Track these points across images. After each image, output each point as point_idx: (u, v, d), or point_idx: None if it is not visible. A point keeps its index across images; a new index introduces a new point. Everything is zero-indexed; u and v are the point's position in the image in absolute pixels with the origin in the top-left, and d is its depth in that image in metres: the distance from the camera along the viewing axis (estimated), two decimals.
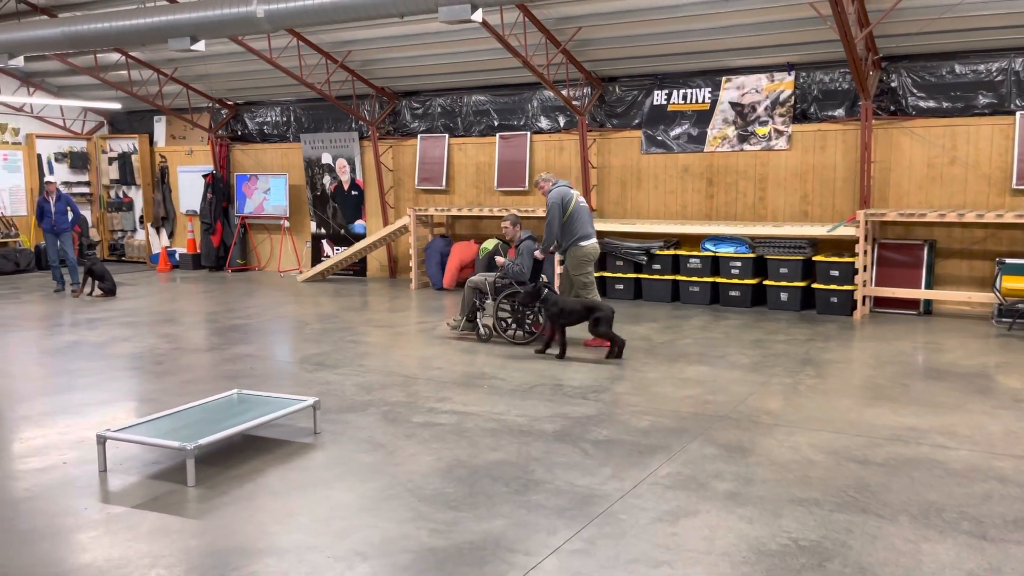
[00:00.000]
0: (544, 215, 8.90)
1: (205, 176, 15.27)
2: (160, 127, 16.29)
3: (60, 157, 16.23)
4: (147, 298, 11.98)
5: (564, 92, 11.47)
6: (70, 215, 12.53)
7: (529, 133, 12.57)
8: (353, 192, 14.23)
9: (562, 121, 12.34)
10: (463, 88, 13.07)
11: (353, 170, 14.15)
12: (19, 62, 10.90)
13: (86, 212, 16.49)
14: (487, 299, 8.56)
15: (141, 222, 16.57)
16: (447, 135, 13.27)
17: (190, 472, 4.52)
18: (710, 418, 5.72)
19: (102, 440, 4.78)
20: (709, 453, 4.98)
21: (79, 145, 16.55)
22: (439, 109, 13.36)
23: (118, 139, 16.60)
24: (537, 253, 8.47)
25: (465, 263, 12.40)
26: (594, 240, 8.45)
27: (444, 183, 13.31)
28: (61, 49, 10.46)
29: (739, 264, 10.51)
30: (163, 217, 16.19)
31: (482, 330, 8.54)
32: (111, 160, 16.57)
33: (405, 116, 13.68)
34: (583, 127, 11.81)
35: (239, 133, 15.49)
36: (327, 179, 14.44)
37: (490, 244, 12.23)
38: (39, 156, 15.84)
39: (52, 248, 12.55)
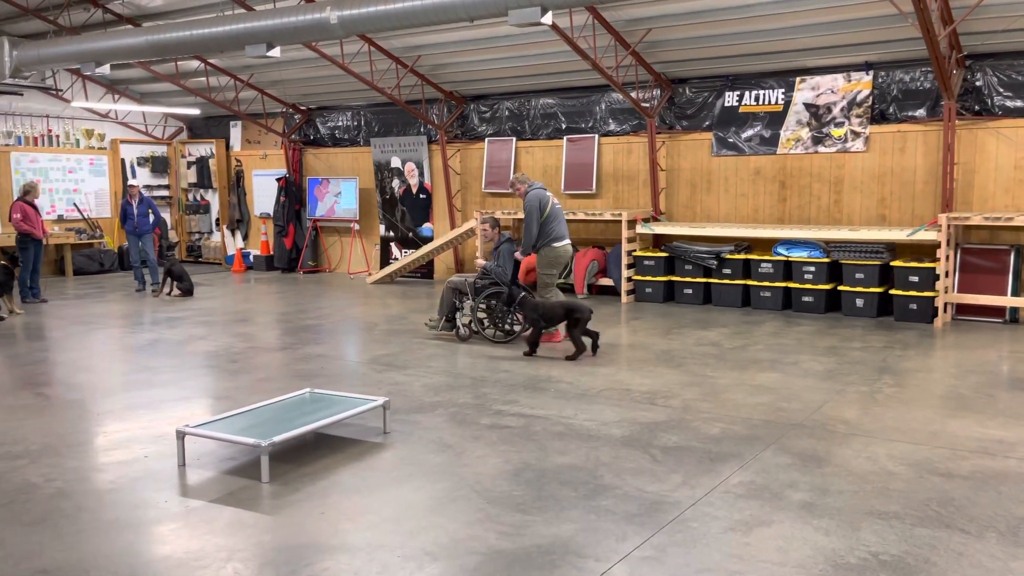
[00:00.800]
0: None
1: (278, 180, 15.65)
2: (236, 132, 16.76)
3: (142, 161, 16.85)
4: (222, 298, 12.33)
5: (633, 94, 11.38)
6: (151, 217, 12.99)
7: (597, 136, 12.51)
8: (421, 195, 14.39)
9: (630, 123, 12.24)
10: (531, 91, 13.09)
11: (421, 174, 14.31)
12: (105, 70, 11.35)
13: (165, 215, 17.07)
14: (467, 299, 8.79)
15: (217, 224, 17.08)
16: (514, 138, 13.30)
17: (264, 468, 4.62)
18: (783, 426, 5.58)
19: (181, 435, 4.92)
20: (783, 462, 4.86)
21: (160, 150, 17.16)
22: (507, 112, 13.41)
23: (196, 144, 17.15)
24: (517, 254, 8.70)
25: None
26: (567, 242, 8.63)
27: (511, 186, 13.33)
28: (145, 57, 10.85)
29: (813, 269, 10.24)
30: (238, 220, 16.64)
31: (462, 330, 8.79)
32: (189, 164, 17.13)
33: (473, 120, 13.77)
34: (652, 129, 11.69)
35: (311, 138, 15.82)
36: (396, 183, 14.63)
37: None
38: (123, 160, 16.47)
39: (134, 249, 13.03)
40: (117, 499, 4.41)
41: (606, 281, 11.93)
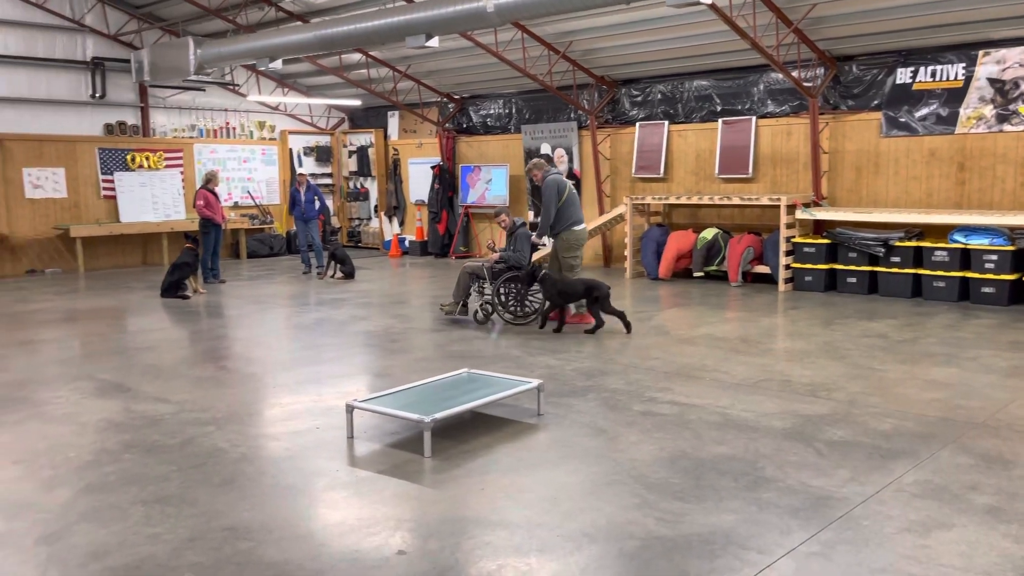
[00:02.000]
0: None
1: (433, 167, 16.12)
2: (394, 122, 17.40)
3: (308, 151, 17.82)
4: (380, 281, 12.87)
5: (794, 73, 10.88)
6: (317, 204, 13.72)
7: (754, 118, 12.06)
8: (570, 181, 14.39)
9: (791, 104, 11.72)
10: (685, 73, 12.79)
11: (571, 159, 14.32)
12: (277, 65, 12.08)
13: (328, 201, 17.98)
14: (484, 284, 9.01)
15: (375, 211, 17.83)
16: (666, 122, 13.06)
17: (427, 443, 4.80)
18: (962, 424, 5.21)
19: (350, 409, 5.19)
20: (963, 463, 4.54)
21: (324, 140, 18.08)
22: (659, 96, 13.17)
23: (357, 134, 17.95)
24: (534, 238, 8.95)
25: (683, 252, 12.17)
26: (584, 226, 8.90)
27: (662, 171, 13.13)
28: (313, 51, 11.45)
29: (995, 258, 9.46)
30: (395, 206, 17.30)
31: (480, 314, 9.03)
32: (350, 153, 17.96)
33: (624, 104, 13.62)
34: (814, 110, 11.15)
35: (464, 126, 16.18)
36: None
37: (709, 234, 11.91)
38: (291, 150, 17.49)
39: (302, 234, 13.82)
40: (293, 466, 4.71)
41: (762, 269, 11.53)
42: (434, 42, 9.67)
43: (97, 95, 14.75)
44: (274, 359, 7.54)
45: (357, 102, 16.81)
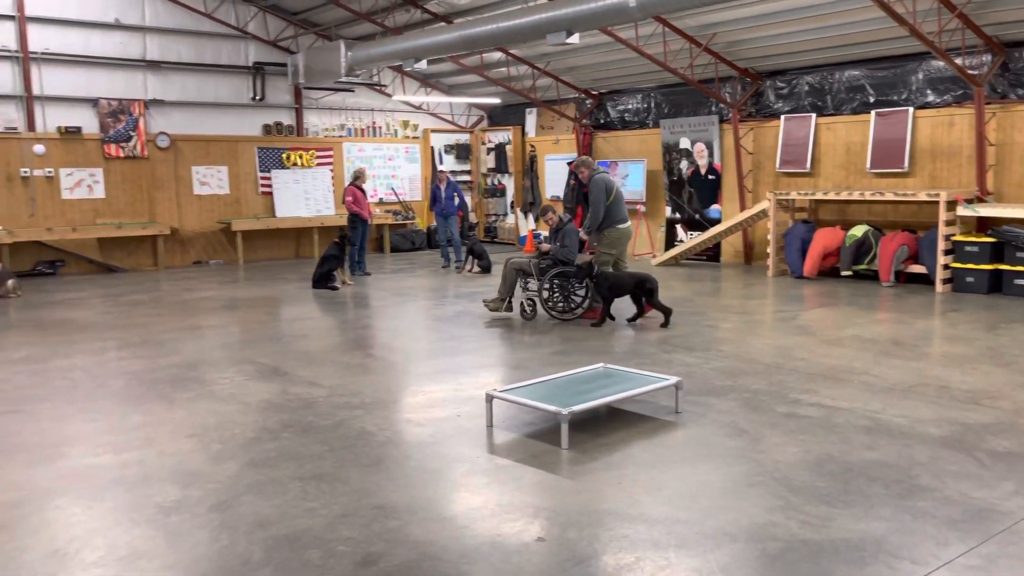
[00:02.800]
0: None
1: (569, 164, 16.17)
2: (531, 119, 17.60)
3: (448, 148, 18.32)
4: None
5: (958, 61, 10.20)
6: (456, 200, 14.09)
7: (911, 109, 11.40)
8: (710, 176, 14.11)
9: (953, 94, 10.99)
10: (834, 63, 12.25)
11: (711, 154, 14.02)
12: (422, 65, 12.51)
13: (467, 198, 18.41)
14: (530, 280, 9.06)
15: (512, 207, 18.10)
16: (814, 114, 12.55)
17: (564, 435, 4.87)
18: None
19: (490, 399, 5.34)
20: None
21: (464, 138, 18.53)
22: (806, 87, 12.67)
23: (495, 131, 18.28)
24: (582, 234, 9.06)
25: (829, 250, 11.66)
26: (629, 224, 9.08)
27: (808, 165, 12.63)
28: (456, 51, 11.78)
29: None
30: (530, 202, 17.49)
31: (527, 310, 9.05)
32: (488, 150, 18.31)
33: (768, 96, 13.19)
34: (980, 99, 10.40)
35: (601, 121, 16.15)
36: (684, 164, 14.48)
37: (859, 230, 11.37)
38: (432, 148, 18.03)
39: (442, 229, 14.24)
40: (435, 451, 4.90)
41: (917, 268, 10.88)
42: (575, 39, 9.72)
43: (257, 98, 15.74)
44: (416, 349, 7.83)
45: (497, 100, 17.12)
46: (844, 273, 11.49)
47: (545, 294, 9.00)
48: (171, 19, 14.75)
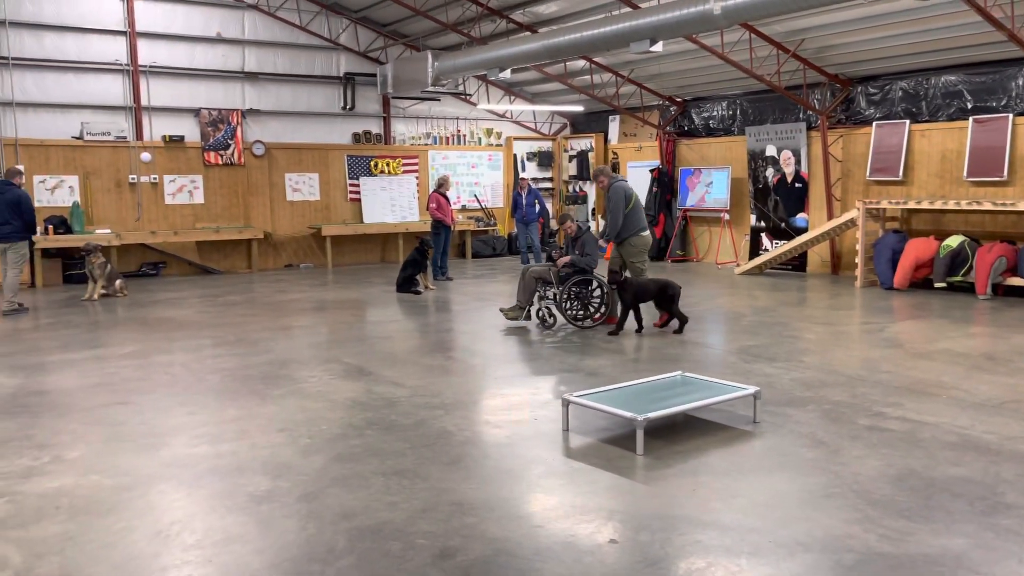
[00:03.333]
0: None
1: (651, 171, 16.14)
2: (614, 126, 17.61)
3: (531, 156, 18.50)
4: None
5: None
6: (537, 207, 14.24)
7: (1011, 115, 10.94)
8: (797, 184, 13.85)
9: None
10: (930, 68, 11.87)
11: (798, 162, 13.76)
12: (506, 74, 12.69)
13: (548, 204, 18.54)
14: (551, 288, 9.07)
15: (593, 214, 18.13)
16: (907, 121, 12.18)
17: (639, 441, 4.92)
18: None
19: (566, 403, 5.43)
20: None
21: (546, 145, 18.68)
22: (899, 93, 12.32)
23: (577, 139, 18.37)
24: (601, 242, 9.15)
25: (922, 261, 11.29)
26: (648, 232, 9.18)
27: (901, 173, 12.26)
28: (540, 60, 11.91)
29: None
30: None
31: (547, 319, 9.05)
32: (571, 158, 18.41)
33: (859, 103, 12.87)
34: None
35: (685, 128, 16.05)
36: (770, 171, 14.25)
37: (954, 241, 10.98)
38: (515, 155, 18.24)
39: (522, 236, 14.41)
40: (512, 452, 5.02)
41: (1017, 281, 10.44)
42: (658, 47, 9.73)
43: (347, 107, 16.26)
44: (495, 353, 7.98)
45: (580, 107, 17.21)
46: (937, 285, 11.10)
47: (567, 302, 9.05)
48: (268, 32, 15.40)
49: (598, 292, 9.21)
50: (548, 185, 18.68)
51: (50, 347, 8.32)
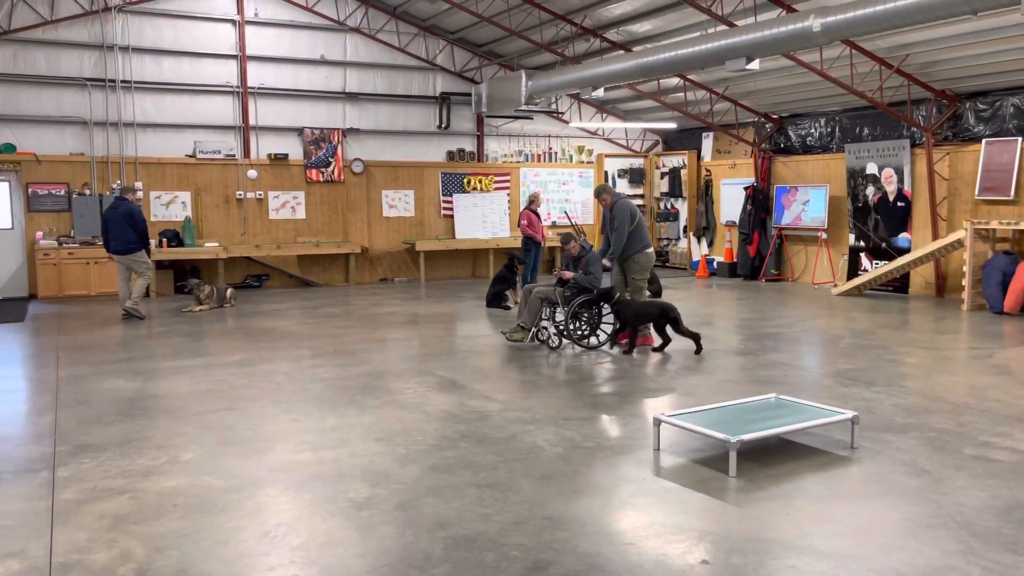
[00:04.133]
0: None
1: (746, 188, 15.90)
2: (707, 143, 17.44)
3: (622, 173, 18.49)
4: (687, 301, 12.99)
5: None
6: None
7: None
8: (899, 203, 13.39)
9: None
10: None
11: (901, 180, 13.31)
12: (599, 92, 12.78)
13: None
14: (556, 309, 8.96)
15: (684, 231, 17.97)
16: (1020, 138, 11.64)
17: (732, 463, 4.89)
18: None
19: (658, 423, 5.44)
20: None
21: (637, 162, 18.64)
22: (1011, 109, 11.79)
23: (670, 156, 18.26)
24: (605, 261, 8.96)
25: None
26: (652, 249, 9.25)
27: (1012, 192, 11.72)
28: (633, 79, 11.96)
29: None
30: (704, 227, 17.31)
31: (553, 339, 8.93)
32: (663, 175, 18.31)
33: (968, 119, 12.38)
34: None
35: (781, 146, 15.76)
36: (870, 190, 13.84)
37: None
38: (606, 173, 18.28)
39: None
40: (603, 469, 5.06)
41: None
42: (754, 64, 9.64)
43: (443, 126, 16.66)
44: (583, 370, 8.03)
45: (672, 125, 17.12)
46: None
47: (573, 324, 8.95)
48: (369, 54, 15.96)
49: (606, 311, 9.13)
50: (639, 202, 18.60)
51: (163, 354, 8.83)
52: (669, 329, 8.68)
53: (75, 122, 13.87)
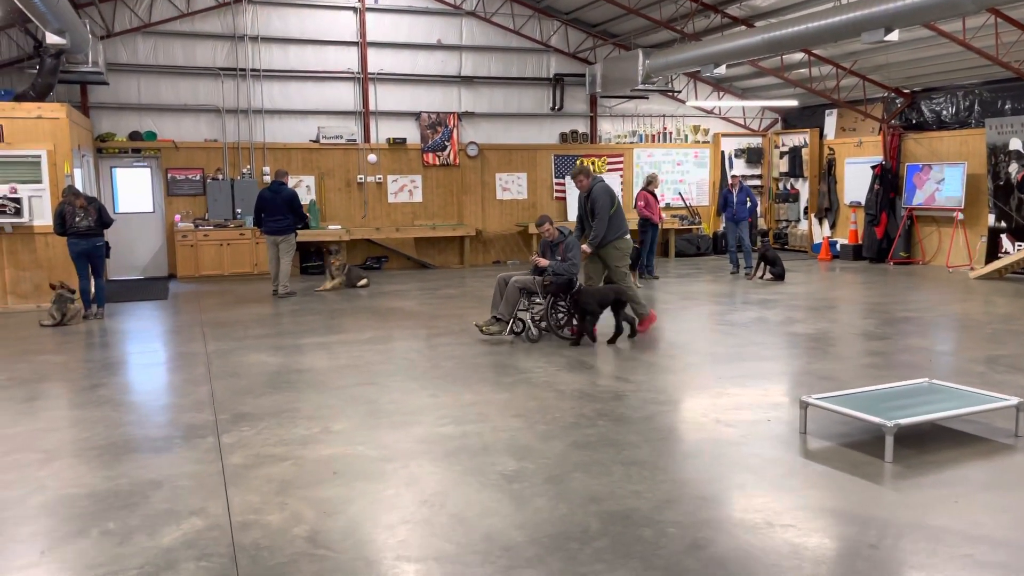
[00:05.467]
0: None
1: (874, 167, 15.22)
2: (831, 120, 16.77)
3: (739, 152, 18.02)
4: (810, 284, 12.58)
5: None
6: (748, 205, 13.86)
7: None
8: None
9: None
10: None
11: None
12: (721, 70, 12.49)
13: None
14: (536, 299, 8.37)
15: (805, 213, 17.38)
16: None
17: (888, 448, 4.72)
18: None
19: (804, 405, 5.30)
20: None
21: (755, 141, 18.12)
22: None
23: (790, 134, 17.66)
24: (585, 247, 8.45)
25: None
26: (630, 235, 8.79)
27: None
28: (758, 55, 11.62)
29: None
30: (826, 208, 16.68)
31: (532, 331, 8.32)
32: (782, 154, 17.73)
33: None
34: None
35: (912, 122, 15.00)
36: (1014, 167, 13.01)
37: None
38: (722, 152, 17.85)
39: (731, 234, 14.07)
40: (749, 451, 4.98)
41: None
42: (893, 36, 9.21)
43: (556, 107, 16.64)
44: (713, 352, 7.91)
45: (793, 102, 16.55)
46: None
47: (553, 314, 8.44)
48: (484, 37, 16.08)
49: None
50: (757, 183, 18.09)
51: (299, 331, 9.20)
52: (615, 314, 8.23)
53: (209, 110, 14.58)
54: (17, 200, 10.51)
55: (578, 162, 16.13)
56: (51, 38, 9.79)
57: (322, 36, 15.10)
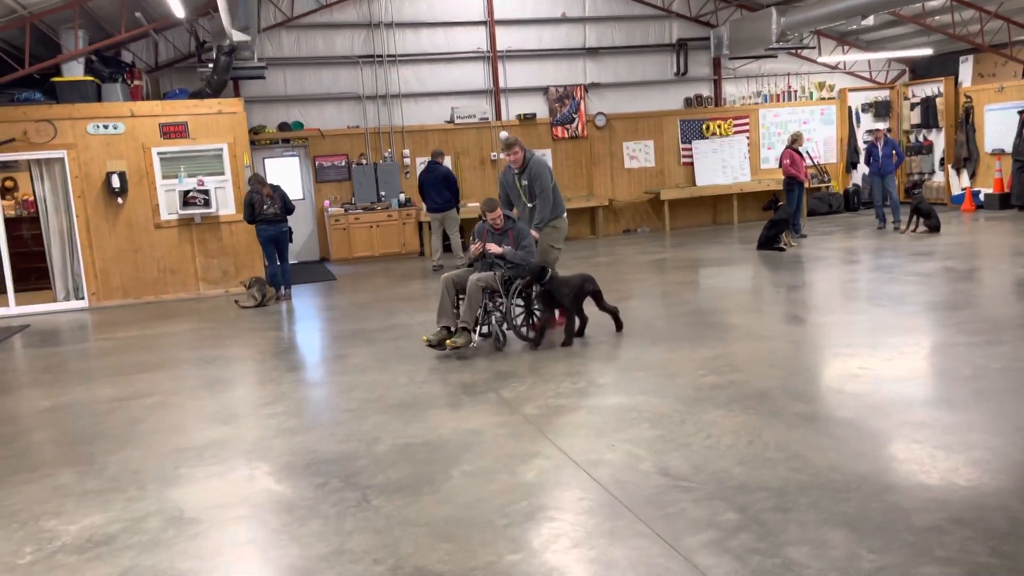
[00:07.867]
0: None
1: (1020, 112, 14.75)
2: (966, 67, 16.28)
3: (866, 107, 17.66)
4: (961, 236, 12.35)
5: None
6: (895, 158, 13.65)
7: None
8: None
9: None
10: None
11: None
12: (870, 21, 12.31)
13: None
14: (500, 299, 7.08)
15: (941, 164, 16.96)
16: None
17: None
18: None
19: None
20: None
21: (883, 95, 17.73)
22: None
23: (920, 84, 17.22)
24: (533, 231, 7.35)
25: None
26: (566, 214, 7.80)
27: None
28: (908, 2, 11.38)
29: None
30: (965, 158, 16.25)
31: (500, 336, 7.09)
32: (913, 106, 17.31)
33: None
34: None
35: None
36: None
37: None
38: (849, 108, 17.53)
39: (878, 188, 13.87)
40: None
41: None
42: None
43: (680, 72, 16.62)
44: (925, 301, 7.93)
45: (928, 51, 16.12)
46: None
47: (516, 312, 7.33)
48: (606, 7, 16.14)
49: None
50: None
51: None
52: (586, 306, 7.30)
53: (350, 97, 15.08)
54: (205, 192, 11.16)
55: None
56: (236, 35, 10.32)
57: (451, 17, 15.40)
